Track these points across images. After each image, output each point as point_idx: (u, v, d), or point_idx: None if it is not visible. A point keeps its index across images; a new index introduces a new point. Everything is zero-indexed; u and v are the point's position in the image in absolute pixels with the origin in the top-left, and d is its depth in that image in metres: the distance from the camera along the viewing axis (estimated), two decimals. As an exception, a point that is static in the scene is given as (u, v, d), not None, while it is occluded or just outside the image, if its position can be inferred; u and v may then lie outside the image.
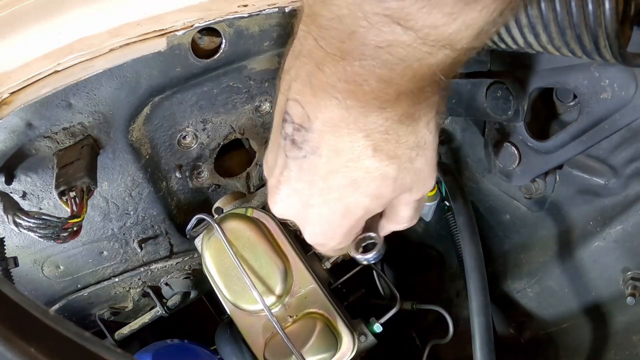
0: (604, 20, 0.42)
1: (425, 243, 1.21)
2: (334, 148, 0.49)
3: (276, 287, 0.82)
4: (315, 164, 0.50)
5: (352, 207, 0.53)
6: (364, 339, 0.84)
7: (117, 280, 1.04)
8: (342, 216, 0.54)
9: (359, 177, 0.50)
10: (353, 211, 0.53)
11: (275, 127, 0.53)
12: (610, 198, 0.74)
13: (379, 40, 0.41)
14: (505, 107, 0.74)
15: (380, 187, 0.51)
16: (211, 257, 0.84)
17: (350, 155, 0.49)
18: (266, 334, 0.84)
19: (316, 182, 0.52)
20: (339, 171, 0.50)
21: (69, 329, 0.36)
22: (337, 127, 0.48)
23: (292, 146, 0.50)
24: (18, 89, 0.71)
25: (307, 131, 0.49)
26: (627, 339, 0.80)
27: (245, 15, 0.75)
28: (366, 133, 0.48)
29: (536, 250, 0.91)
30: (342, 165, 0.50)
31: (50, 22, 0.68)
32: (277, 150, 0.53)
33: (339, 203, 0.52)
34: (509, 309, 0.98)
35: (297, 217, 0.56)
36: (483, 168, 0.94)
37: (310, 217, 0.55)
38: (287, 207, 0.56)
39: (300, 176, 0.52)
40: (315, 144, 0.49)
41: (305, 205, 0.54)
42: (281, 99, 0.51)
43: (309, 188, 0.52)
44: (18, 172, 0.81)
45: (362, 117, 0.47)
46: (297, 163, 0.51)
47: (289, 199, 0.54)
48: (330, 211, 0.53)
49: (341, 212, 0.53)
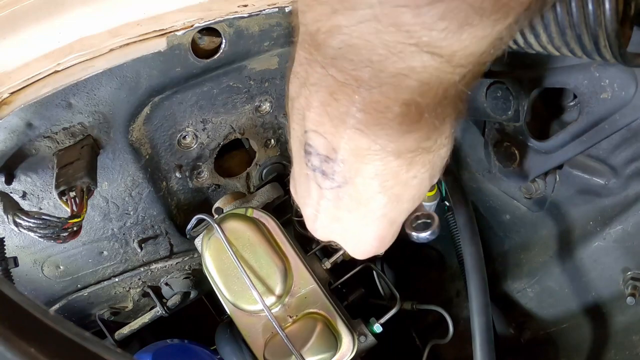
0: (604, 20, 0.42)
1: (425, 243, 1.21)
2: (368, 174, 0.48)
3: (276, 287, 0.82)
4: (351, 192, 0.49)
5: (396, 218, 0.53)
6: (364, 339, 0.84)
7: (117, 280, 1.04)
8: (390, 226, 0.54)
9: (400, 190, 0.50)
10: (398, 220, 0.54)
11: (298, 157, 0.51)
12: (610, 198, 0.74)
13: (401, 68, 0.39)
14: (505, 107, 0.74)
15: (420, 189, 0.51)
16: (211, 257, 0.84)
17: (386, 176, 0.48)
18: (266, 334, 0.84)
19: (357, 208, 0.51)
20: (379, 192, 0.49)
21: (69, 329, 0.36)
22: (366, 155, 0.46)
23: (324, 177, 0.49)
24: (18, 89, 0.71)
25: (335, 162, 0.47)
26: (627, 339, 0.80)
27: (245, 15, 0.75)
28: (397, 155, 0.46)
29: (536, 250, 0.91)
30: (380, 186, 0.49)
31: (50, 22, 0.68)
32: (307, 182, 0.52)
33: (384, 218, 0.52)
34: (509, 309, 0.98)
35: (342, 240, 0.57)
36: (483, 168, 0.94)
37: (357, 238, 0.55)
38: (330, 233, 0.56)
39: (339, 205, 0.51)
40: (347, 174, 0.48)
41: (349, 229, 0.54)
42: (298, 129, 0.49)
43: (349, 214, 0.52)
44: (18, 172, 0.81)
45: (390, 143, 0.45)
46: (332, 193, 0.50)
47: (331, 226, 0.54)
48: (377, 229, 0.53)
49: (388, 225, 0.53)
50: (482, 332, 0.71)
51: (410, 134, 0.45)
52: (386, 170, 0.47)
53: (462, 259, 0.92)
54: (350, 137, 0.45)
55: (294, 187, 0.57)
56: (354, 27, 0.37)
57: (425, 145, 0.47)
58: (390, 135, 0.44)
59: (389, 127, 0.44)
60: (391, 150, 0.46)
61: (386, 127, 0.44)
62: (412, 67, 0.38)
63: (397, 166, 0.47)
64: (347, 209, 0.51)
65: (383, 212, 0.51)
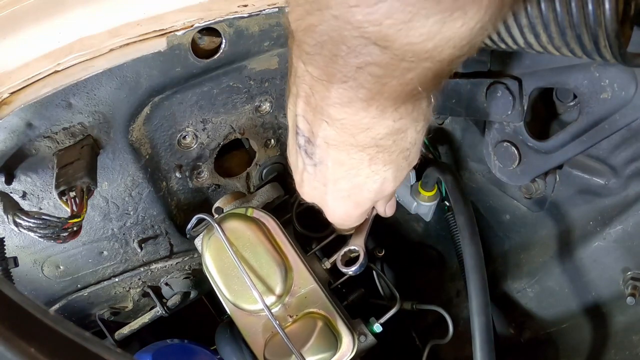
0: (604, 20, 0.42)
1: (425, 243, 1.21)
2: (336, 160, 0.56)
3: (276, 286, 0.82)
4: (324, 172, 0.58)
5: (361, 202, 0.62)
6: (364, 339, 0.84)
7: (117, 280, 1.04)
8: (354, 208, 0.64)
9: (362, 181, 0.58)
10: (363, 204, 0.63)
11: (291, 133, 0.60)
12: (610, 198, 0.74)
13: (359, 62, 0.43)
14: (505, 107, 0.74)
15: (382, 186, 0.59)
16: (211, 257, 0.84)
17: (350, 166, 0.56)
18: (266, 334, 0.84)
19: (328, 185, 0.60)
20: (344, 178, 0.58)
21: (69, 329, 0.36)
22: (334, 144, 0.54)
23: (306, 155, 0.58)
24: (18, 89, 0.71)
25: (314, 145, 0.56)
26: (627, 339, 0.80)
27: (245, 15, 0.75)
28: (360, 148, 0.53)
29: (536, 250, 0.91)
30: (346, 173, 0.57)
31: (50, 22, 0.68)
32: (296, 155, 0.61)
33: (349, 200, 0.62)
34: (509, 309, 0.98)
35: (318, 204, 0.67)
36: (483, 168, 0.94)
37: (328, 207, 0.65)
38: (310, 197, 0.66)
39: (316, 178, 0.61)
40: (321, 156, 0.57)
41: (323, 198, 0.64)
42: (292, 111, 0.57)
43: (323, 187, 0.62)
44: (18, 172, 0.81)
45: (352, 137, 0.52)
46: (311, 169, 0.60)
47: (311, 192, 0.65)
48: (343, 205, 0.63)
49: (352, 206, 0.63)
50: (482, 332, 0.71)
51: (371, 130, 0.51)
52: (351, 160, 0.55)
53: (462, 259, 0.92)
54: (322, 127, 0.53)
55: (289, 155, 0.65)
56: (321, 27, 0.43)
57: (384, 144, 0.53)
58: (354, 128, 0.51)
59: (353, 121, 0.50)
60: (353, 144, 0.53)
61: (349, 121, 0.50)
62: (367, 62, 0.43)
63: (359, 159, 0.55)
64: (321, 183, 0.61)
65: (348, 194, 0.61)
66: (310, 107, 0.51)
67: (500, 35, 0.55)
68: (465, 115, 0.81)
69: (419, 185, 0.95)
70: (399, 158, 0.56)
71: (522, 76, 0.71)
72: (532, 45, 0.53)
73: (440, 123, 0.98)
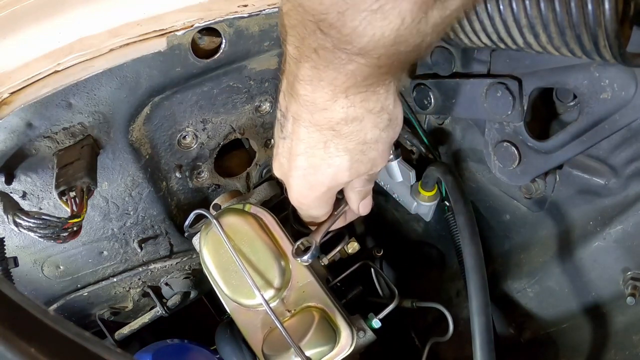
0: (604, 20, 0.42)
1: (425, 243, 1.21)
2: (298, 136, 0.60)
3: (274, 280, 0.82)
4: (288, 146, 0.63)
5: (315, 184, 0.65)
6: (363, 335, 0.84)
7: (117, 280, 1.04)
8: (309, 189, 0.66)
9: (317, 162, 0.62)
10: (316, 187, 0.66)
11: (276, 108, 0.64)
12: (610, 198, 0.74)
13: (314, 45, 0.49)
14: (505, 107, 0.74)
15: (336, 172, 0.62)
16: (209, 253, 0.84)
17: (308, 144, 0.60)
18: (265, 329, 0.84)
19: (290, 160, 0.64)
20: (302, 155, 0.62)
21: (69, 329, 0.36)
22: (298, 120, 0.58)
23: (280, 129, 0.63)
24: (18, 89, 0.71)
25: (285, 119, 0.61)
26: (627, 339, 0.80)
27: (245, 15, 0.75)
28: (318, 127, 0.57)
29: (536, 250, 0.91)
30: (304, 150, 0.61)
31: (50, 22, 0.68)
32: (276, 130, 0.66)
33: (304, 180, 0.65)
34: (509, 309, 0.98)
35: (283, 180, 0.70)
36: (483, 168, 0.94)
37: (289, 183, 0.68)
38: (278, 172, 0.69)
39: (282, 152, 0.65)
40: (288, 130, 0.61)
41: (286, 174, 0.67)
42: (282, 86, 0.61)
43: (287, 162, 0.65)
44: (18, 172, 0.81)
45: (311, 115, 0.56)
46: (281, 142, 0.64)
47: (278, 166, 0.69)
48: (299, 184, 0.66)
49: (307, 186, 0.66)
50: (482, 332, 0.71)
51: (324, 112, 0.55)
52: (309, 138, 0.59)
53: (462, 259, 0.91)
54: (291, 102, 0.58)
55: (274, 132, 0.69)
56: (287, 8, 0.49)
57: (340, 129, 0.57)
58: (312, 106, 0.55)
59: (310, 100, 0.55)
60: (312, 122, 0.57)
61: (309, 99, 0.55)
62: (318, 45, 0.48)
63: (316, 139, 0.59)
64: (285, 157, 0.65)
65: (303, 173, 0.64)
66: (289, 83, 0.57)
67: (500, 35, 0.55)
68: (465, 115, 0.81)
69: (419, 185, 0.94)
70: (355, 149, 0.60)
71: (522, 76, 0.71)
72: (532, 45, 0.53)
73: (440, 123, 0.98)
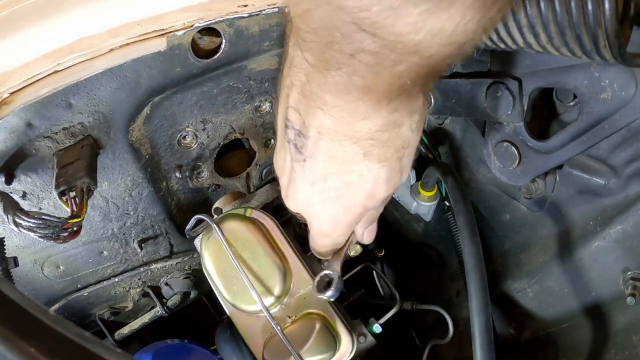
0: (604, 20, 0.42)
1: (425, 243, 1.21)
2: (328, 153, 0.52)
3: (275, 287, 0.82)
4: (313, 167, 0.54)
5: (350, 206, 0.57)
6: (363, 340, 0.84)
7: (117, 280, 1.04)
8: (343, 213, 0.58)
9: (354, 179, 0.54)
10: (352, 209, 0.58)
11: (280, 131, 0.57)
12: (610, 198, 0.74)
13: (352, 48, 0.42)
14: (505, 107, 0.74)
15: (374, 187, 0.55)
16: (210, 258, 0.84)
17: (343, 159, 0.53)
18: (265, 335, 0.84)
19: (316, 183, 0.56)
20: (335, 174, 0.54)
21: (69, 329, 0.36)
22: (328, 135, 0.51)
23: (295, 150, 0.55)
24: (18, 89, 0.71)
25: (305, 137, 0.53)
26: (627, 339, 0.80)
27: (245, 15, 0.75)
28: (354, 140, 0.51)
29: (536, 250, 0.91)
30: (337, 168, 0.54)
31: (50, 22, 0.68)
32: (284, 153, 0.58)
33: (337, 202, 0.57)
34: (509, 309, 0.98)
35: (304, 212, 0.62)
36: (483, 168, 0.94)
37: (315, 213, 0.60)
38: (295, 203, 0.61)
39: (303, 177, 0.56)
40: (312, 149, 0.53)
41: (310, 202, 0.59)
42: (282, 105, 0.54)
43: (310, 188, 0.57)
44: (18, 172, 0.81)
45: (347, 126, 0.50)
46: (299, 166, 0.56)
47: (296, 196, 0.59)
48: (331, 209, 0.58)
49: (342, 210, 0.58)
50: (482, 332, 0.71)
51: (367, 121, 0.49)
52: (344, 153, 0.52)
53: (462, 259, 0.91)
54: (316, 116, 0.50)
55: (275, 157, 0.61)
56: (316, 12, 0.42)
57: (379, 137, 0.51)
58: (349, 118, 0.49)
59: (348, 110, 0.48)
60: (349, 134, 0.50)
61: (344, 109, 0.48)
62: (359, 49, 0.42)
63: (354, 152, 0.52)
64: (309, 181, 0.56)
65: (337, 195, 0.56)
66: (305, 96, 0.50)
67: (500, 35, 0.55)
68: (465, 115, 0.81)
69: (419, 185, 0.95)
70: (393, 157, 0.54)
71: (522, 76, 0.71)
72: (532, 45, 0.53)
73: (440, 123, 0.98)
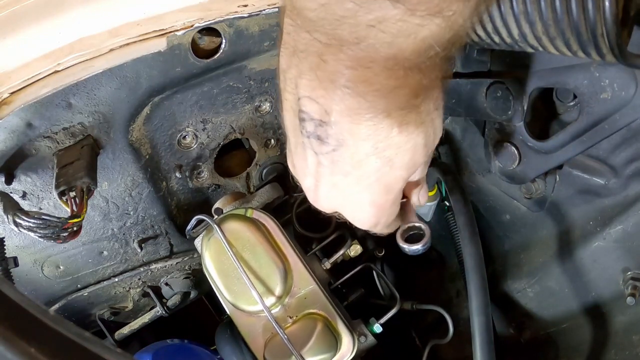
0: (604, 20, 0.42)
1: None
2: (360, 135, 0.48)
3: (276, 287, 0.82)
4: (345, 155, 0.50)
5: (392, 183, 0.53)
6: (364, 340, 0.84)
7: (117, 280, 1.04)
8: (385, 193, 0.54)
9: (392, 154, 0.50)
10: (393, 186, 0.54)
11: (292, 128, 0.52)
12: (610, 198, 0.74)
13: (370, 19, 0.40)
14: (505, 107, 0.74)
15: (414, 156, 0.51)
16: (211, 258, 0.84)
17: (378, 137, 0.48)
18: (266, 335, 0.84)
19: (351, 172, 0.51)
20: (371, 154, 0.50)
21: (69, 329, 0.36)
22: (357, 114, 0.47)
23: (319, 142, 0.50)
24: (18, 89, 0.71)
25: (329, 125, 0.48)
26: (627, 339, 0.80)
27: (245, 15, 0.75)
28: (387, 113, 0.47)
29: (536, 250, 0.91)
30: (372, 148, 0.49)
31: (50, 22, 0.68)
32: (303, 151, 0.53)
33: (378, 184, 0.53)
34: (509, 309, 0.98)
35: (342, 208, 0.57)
36: (483, 168, 0.94)
37: (355, 205, 0.55)
38: (330, 202, 0.56)
39: (334, 170, 0.52)
40: (340, 136, 0.49)
41: (347, 195, 0.54)
42: (290, 99, 0.50)
43: (345, 179, 0.52)
44: (18, 172, 0.81)
45: (379, 100, 0.46)
46: (328, 157, 0.51)
47: (330, 193, 0.55)
48: (372, 194, 0.54)
49: (383, 191, 0.54)
50: (482, 333, 0.71)
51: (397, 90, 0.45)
52: (378, 130, 0.48)
53: (462, 259, 0.92)
54: (340, 98, 0.46)
55: (291, 161, 0.57)
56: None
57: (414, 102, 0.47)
58: (378, 91, 0.45)
59: (376, 83, 0.44)
60: (381, 108, 0.46)
61: (373, 83, 0.44)
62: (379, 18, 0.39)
63: (388, 126, 0.48)
64: (342, 172, 0.52)
65: (377, 177, 0.52)
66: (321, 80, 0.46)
67: (500, 35, 0.55)
68: (465, 115, 0.81)
69: (419, 185, 0.94)
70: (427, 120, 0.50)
71: (522, 76, 0.71)
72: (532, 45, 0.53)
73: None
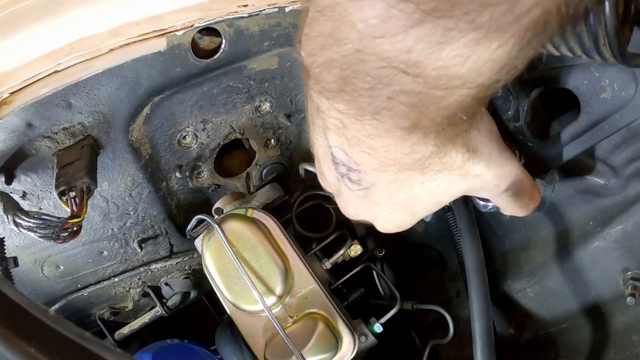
0: (604, 19, 0.42)
1: (425, 243, 1.21)
2: (389, 180, 0.53)
3: (276, 287, 0.82)
4: (376, 192, 0.55)
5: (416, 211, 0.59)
6: (365, 339, 0.84)
7: (117, 280, 1.04)
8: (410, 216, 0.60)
9: (417, 192, 0.55)
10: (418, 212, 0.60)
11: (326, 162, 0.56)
12: (610, 198, 0.74)
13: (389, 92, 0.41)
14: (505, 107, 0.74)
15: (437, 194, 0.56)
16: (211, 258, 0.84)
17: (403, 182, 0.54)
18: (267, 335, 0.84)
19: (382, 203, 0.57)
20: (400, 191, 0.55)
21: (69, 329, 0.36)
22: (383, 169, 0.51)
23: (351, 182, 0.55)
24: (18, 89, 0.71)
25: (359, 172, 0.53)
26: (627, 339, 0.80)
27: (245, 15, 0.75)
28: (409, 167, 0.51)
29: (536, 250, 0.91)
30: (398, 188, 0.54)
31: (50, 22, 0.68)
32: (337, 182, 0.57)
33: (405, 211, 0.59)
34: (509, 309, 0.98)
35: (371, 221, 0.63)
36: (483, 168, 0.94)
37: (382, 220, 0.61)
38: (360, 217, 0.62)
39: (367, 201, 0.57)
40: (370, 182, 0.54)
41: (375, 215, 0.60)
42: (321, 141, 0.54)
43: (375, 207, 0.58)
44: (18, 172, 0.81)
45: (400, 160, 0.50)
46: (359, 194, 0.56)
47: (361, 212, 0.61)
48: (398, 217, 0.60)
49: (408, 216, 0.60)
50: (482, 335, 0.71)
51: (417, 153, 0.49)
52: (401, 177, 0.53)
53: (462, 259, 0.92)
54: (365, 158, 0.50)
55: (324, 181, 0.61)
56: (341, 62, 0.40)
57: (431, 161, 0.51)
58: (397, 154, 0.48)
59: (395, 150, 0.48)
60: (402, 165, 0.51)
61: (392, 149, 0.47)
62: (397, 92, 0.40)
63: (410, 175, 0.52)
64: (374, 202, 0.57)
65: (404, 206, 0.57)
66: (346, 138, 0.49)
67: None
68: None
69: (419, 185, 0.94)
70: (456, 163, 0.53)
71: (522, 76, 0.71)
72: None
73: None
